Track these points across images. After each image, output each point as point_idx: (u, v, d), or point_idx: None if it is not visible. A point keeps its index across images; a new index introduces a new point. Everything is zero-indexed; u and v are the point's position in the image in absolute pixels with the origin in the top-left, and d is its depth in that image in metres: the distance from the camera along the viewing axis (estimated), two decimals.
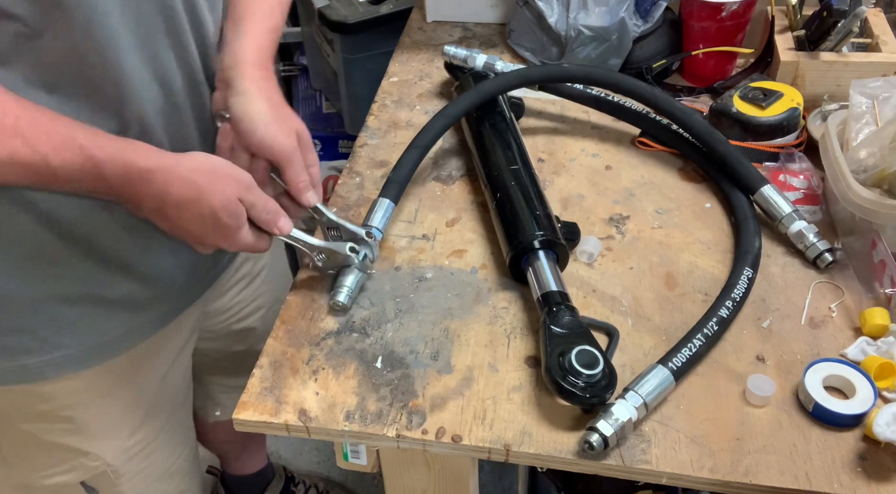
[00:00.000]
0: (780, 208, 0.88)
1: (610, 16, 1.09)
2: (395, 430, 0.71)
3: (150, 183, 0.68)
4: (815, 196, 0.93)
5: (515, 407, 0.72)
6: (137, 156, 0.68)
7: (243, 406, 0.73)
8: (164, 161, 0.69)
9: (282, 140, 0.76)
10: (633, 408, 0.68)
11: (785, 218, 0.87)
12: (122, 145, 0.68)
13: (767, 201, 0.89)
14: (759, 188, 0.89)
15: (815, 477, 0.66)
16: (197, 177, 0.70)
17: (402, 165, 0.92)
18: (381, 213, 0.87)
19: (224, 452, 1.40)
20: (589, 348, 0.70)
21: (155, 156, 0.69)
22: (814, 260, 0.85)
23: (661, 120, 1.01)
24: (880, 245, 0.81)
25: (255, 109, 0.75)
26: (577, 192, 0.97)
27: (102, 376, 0.85)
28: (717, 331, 0.76)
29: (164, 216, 0.71)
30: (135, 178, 0.68)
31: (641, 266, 0.87)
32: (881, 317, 0.77)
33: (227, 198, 0.71)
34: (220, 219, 0.71)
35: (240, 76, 0.76)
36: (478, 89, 0.98)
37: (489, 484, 1.60)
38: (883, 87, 0.90)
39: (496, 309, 0.82)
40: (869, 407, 0.69)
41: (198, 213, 0.70)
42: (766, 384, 0.72)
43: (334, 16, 1.61)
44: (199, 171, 0.70)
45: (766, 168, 0.96)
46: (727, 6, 1.06)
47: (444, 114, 0.96)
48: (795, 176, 0.95)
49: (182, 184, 0.69)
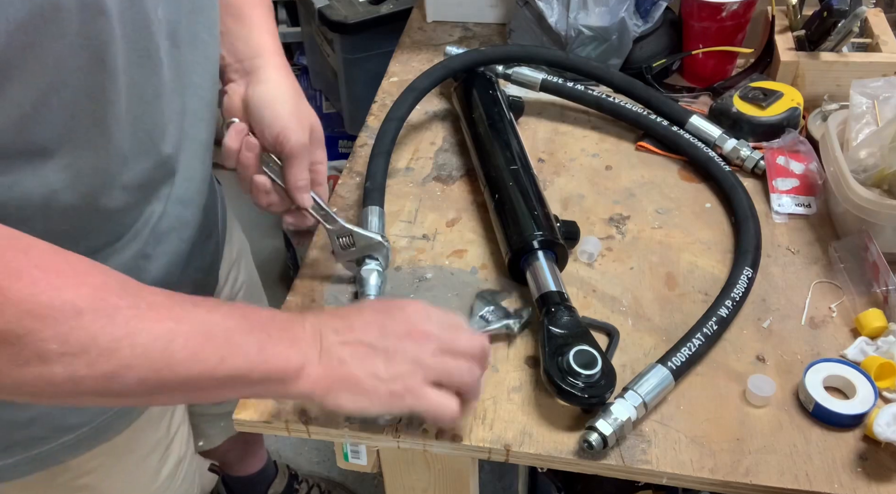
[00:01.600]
0: (710, 132, 0.99)
1: (610, 16, 1.09)
2: (396, 430, 0.71)
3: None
4: (811, 185, 0.93)
5: (515, 407, 0.72)
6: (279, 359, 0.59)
7: (243, 406, 0.73)
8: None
9: (299, 135, 0.73)
10: (633, 408, 0.68)
11: (717, 139, 0.98)
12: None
13: (698, 129, 0.99)
14: (687, 119, 1.00)
15: (816, 477, 0.66)
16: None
17: (374, 174, 0.92)
18: (376, 220, 0.87)
19: (226, 460, 1.39)
20: (587, 348, 0.70)
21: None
22: (752, 170, 0.97)
23: (661, 121, 1.01)
24: (872, 246, 0.81)
25: (281, 99, 0.72)
26: (577, 192, 0.97)
27: (115, 442, 0.81)
28: (716, 331, 0.76)
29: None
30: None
31: (641, 266, 0.87)
32: (877, 319, 0.77)
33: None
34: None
35: (264, 65, 0.73)
36: (418, 90, 1.00)
37: (489, 484, 1.60)
38: (883, 87, 0.90)
39: None
40: (869, 407, 0.69)
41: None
42: (767, 384, 0.72)
43: (334, 16, 1.61)
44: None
45: (766, 148, 0.97)
46: (727, 6, 1.06)
47: (393, 118, 0.97)
48: (794, 158, 0.95)
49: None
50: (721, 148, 0.98)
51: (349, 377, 0.60)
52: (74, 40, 0.54)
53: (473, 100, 1.02)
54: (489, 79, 1.05)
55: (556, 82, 1.06)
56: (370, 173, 0.93)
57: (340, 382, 0.60)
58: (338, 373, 0.60)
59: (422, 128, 1.08)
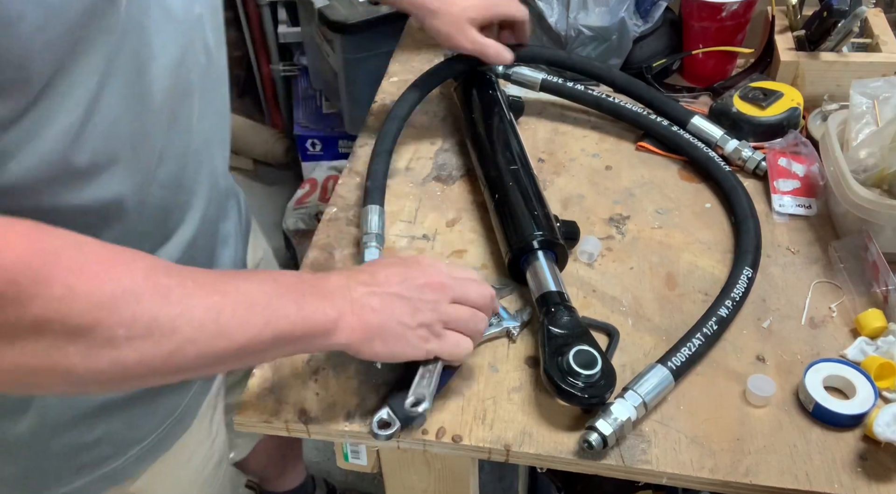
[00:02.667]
0: (712, 133, 0.99)
1: (610, 16, 1.09)
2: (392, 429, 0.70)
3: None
4: (812, 186, 0.93)
5: (515, 407, 0.72)
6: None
7: (243, 407, 0.73)
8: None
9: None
10: (633, 408, 0.68)
11: (719, 139, 0.98)
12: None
13: (700, 130, 0.99)
14: (689, 120, 1.00)
15: (816, 477, 0.66)
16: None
17: (375, 172, 0.93)
18: (376, 219, 0.87)
19: (264, 475, 1.37)
20: (587, 348, 0.70)
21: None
22: (753, 171, 0.97)
23: (661, 121, 1.01)
24: (872, 246, 0.81)
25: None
26: (577, 192, 0.97)
27: (169, 455, 0.82)
28: (716, 331, 0.76)
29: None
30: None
31: (641, 266, 0.87)
32: (877, 319, 0.77)
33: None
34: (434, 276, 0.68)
35: None
36: (420, 89, 1.02)
37: (489, 484, 1.60)
38: (883, 87, 0.90)
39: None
40: (869, 407, 0.69)
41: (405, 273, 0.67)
42: (767, 384, 0.72)
43: (334, 16, 1.61)
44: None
45: (767, 149, 0.97)
46: (727, 6, 1.06)
47: (395, 117, 0.98)
48: (796, 160, 0.95)
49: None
50: (723, 148, 0.98)
51: (381, 325, 0.64)
52: (121, 38, 0.55)
53: (473, 100, 1.02)
54: (489, 79, 1.05)
55: (556, 82, 1.06)
56: (371, 171, 0.93)
57: (374, 330, 0.64)
58: (371, 322, 0.64)
59: (422, 128, 1.08)
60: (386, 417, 0.69)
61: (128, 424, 0.75)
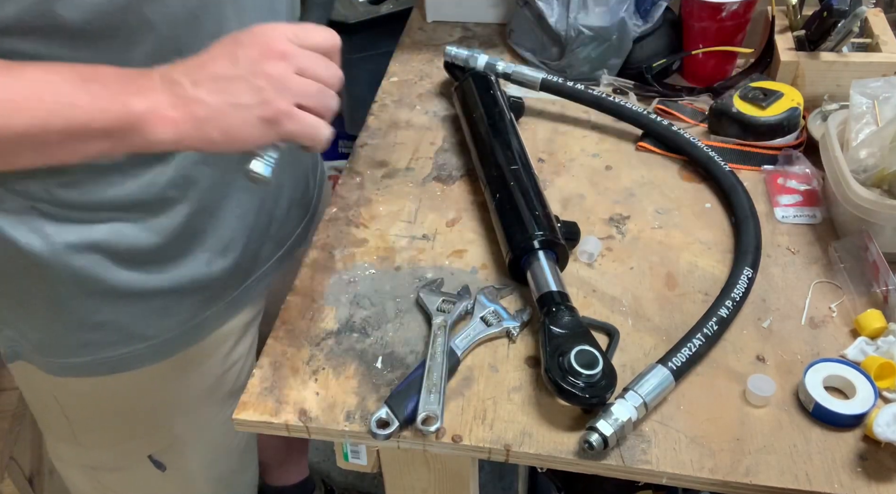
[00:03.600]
0: None
1: (610, 16, 1.09)
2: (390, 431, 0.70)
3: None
4: (814, 198, 0.93)
5: (515, 408, 0.72)
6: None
7: (243, 406, 0.73)
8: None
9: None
10: (633, 408, 0.68)
11: None
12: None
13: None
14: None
15: (816, 477, 0.66)
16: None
17: None
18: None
19: (266, 459, 1.35)
20: (588, 348, 0.70)
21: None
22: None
23: (661, 121, 1.01)
24: (872, 246, 0.81)
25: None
26: (577, 192, 0.97)
27: (176, 361, 0.84)
28: (716, 331, 0.76)
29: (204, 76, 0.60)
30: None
31: (641, 266, 0.87)
32: (876, 319, 0.77)
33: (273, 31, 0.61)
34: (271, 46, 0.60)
35: None
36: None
37: (489, 484, 1.60)
38: (883, 87, 0.90)
39: None
40: (869, 407, 0.69)
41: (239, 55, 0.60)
42: (767, 384, 0.72)
43: (334, 16, 1.61)
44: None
45: (764, 171, 0.97)
46: (727, 6, 1.06)
47: None
48: (794, 178, 0.95)
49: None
50: None
51: (213, 114, 0.58)
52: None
53: (473, 100, 1.02)
54: (489, 79, 1.05)
55: (556, 82, 1.06)
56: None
57: (205, 122, 0.58)
58: (199, 113, 0.58)
59: (422, 128, 1.08)
60: (385, 417, 0.69)
61: (135, 318, 0.78)
